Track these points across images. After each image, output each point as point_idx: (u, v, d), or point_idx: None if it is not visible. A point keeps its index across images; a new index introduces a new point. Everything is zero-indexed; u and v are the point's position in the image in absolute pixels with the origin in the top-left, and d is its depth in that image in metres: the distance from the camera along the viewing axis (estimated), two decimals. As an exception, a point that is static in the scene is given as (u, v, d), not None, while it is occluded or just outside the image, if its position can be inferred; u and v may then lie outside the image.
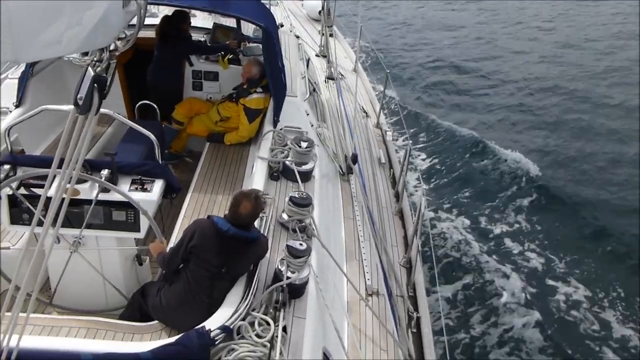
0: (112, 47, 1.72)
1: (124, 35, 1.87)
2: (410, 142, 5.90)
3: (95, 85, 1.62)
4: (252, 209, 3.22)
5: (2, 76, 5.61)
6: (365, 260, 4.68)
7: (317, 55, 9.43)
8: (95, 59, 1.69)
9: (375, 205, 5.58)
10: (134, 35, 1.82)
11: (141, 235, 3.68)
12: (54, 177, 1.86)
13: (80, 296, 3.95)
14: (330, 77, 8.27)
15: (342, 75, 8.74)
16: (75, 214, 3.53)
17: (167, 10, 6.12)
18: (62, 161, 1.74)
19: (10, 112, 5.11)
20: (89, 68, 1.65)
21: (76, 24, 1.39)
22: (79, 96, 1.62)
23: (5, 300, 2.01)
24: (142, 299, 3.54)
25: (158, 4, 5.62)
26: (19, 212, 3.56)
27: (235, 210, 3.21)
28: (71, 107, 1.61)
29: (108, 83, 1.68)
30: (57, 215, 1.81)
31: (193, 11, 6.53)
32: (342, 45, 10.83)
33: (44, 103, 4.22)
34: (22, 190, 3.49)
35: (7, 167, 3.52)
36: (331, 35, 9.62)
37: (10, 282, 2.19)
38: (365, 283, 4.45)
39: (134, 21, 1.76)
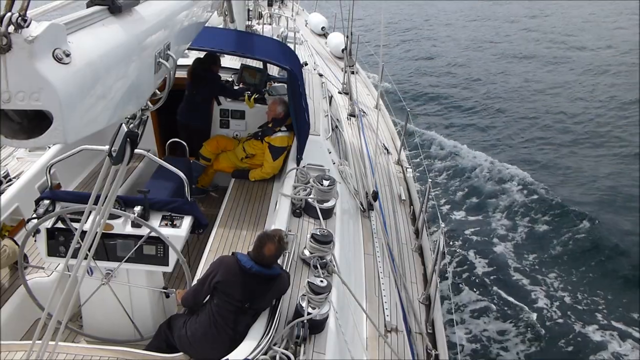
0: (144, 106, 1.93)
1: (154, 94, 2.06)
2: (430, 180, 5.98)
3: (128, 139, 1.81)
4: (276, 251, 3.38)
5: None
6: (384, 297, 4.74)
7: (339, 93, 9.68)
8: (128, 116, 1.89)
9: (395, 241, 5.67)
10: (164, 96, 2.02)
11: (169, 269, 3.84)
12: (89, 213, 2.03)
13: (109, 326, 4.11)
14: (352, 114, 8.48)
15: (364, 112, 8.95)
16: (108, 247, 3.72)
17: (198, 52, 6.42)
18: (97, 198, 1.92)
19: (49, 147, 5.41)
20: (123, 124, 1.85)
21: (112, 96, 1.57)
22: (113, 148, 1.81)
23: (37, 328, 2.15)
24: (168, 330, 3.68)
25: (191, 49, 5.92)
26: (55, 245, 3.77)
27: (259, 251, 3.36)
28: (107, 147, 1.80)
29: (139, 137, 1.87)
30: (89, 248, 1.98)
31: None
32: (364, 82, 11.08)
33: (80, 140, 4.47)
34: (60, 224, 3.70)
35: (47, 202, 3.75)
36: (353, 72, 9.88)
37: (43, 310, 2.35)
38: (385, 319, 4.51)
39: None
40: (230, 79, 6.80)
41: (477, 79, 19.86)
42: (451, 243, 9.57)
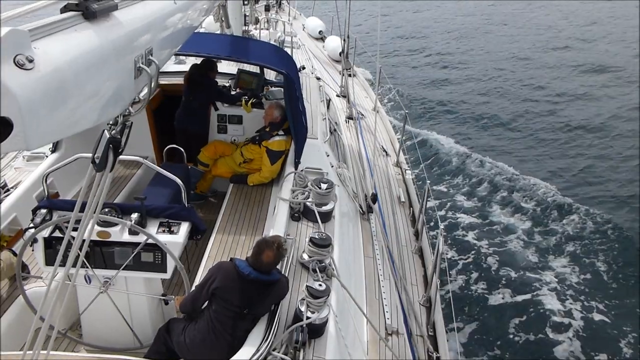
0: (125, 112, 1.91)
1: (137, 99, 2.04)
2: (429, 181, 5.97)
3: (111, 146, 1.80)
4: (274, 258, 3.37)
5: None
6: (385, 299, 4.72)
7: (337, 96, 9.68)
8: (110, 122, 1.87)
9: (395, 243, 5.65)
10: (146, 101, 2.00)
11: (167, 276, 3.82)
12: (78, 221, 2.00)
13: (109, 334, 4.09)
14: (350, 117, 8.48)
15: (362, 114, 8.95)
16: (106, 255, 3.71)
17: (195, 58, 6.43)
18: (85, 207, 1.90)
19: (47, 157, 5.41)
20: (105, 131, 1.84)
21: (84, 102, 1.55)
22: (96, 155, 1.80)
23: (28, 336, 2.12)
24: (167, 334, 3.67)
25: (187, 55, 5.92)
26: (53, 254, 3.76)
27: (257, 257, 3.35)
28: None
29: (124, 143, 1.85)
30: (86, 256, 1.96)
31: None
32: (362, 85, 11.08)
33: (78, 148, 4.48)
34: (57, 233, 3.69)
35: (43, 211, 3.74)
36: (351, 75, 9.89)
37: (40, 319, 2.33)
38: (385, 322, 4.49)
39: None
40: (227, 84, 6.80)
41: (478, 81, 19.85)
42: (452, 244, 9.54)
